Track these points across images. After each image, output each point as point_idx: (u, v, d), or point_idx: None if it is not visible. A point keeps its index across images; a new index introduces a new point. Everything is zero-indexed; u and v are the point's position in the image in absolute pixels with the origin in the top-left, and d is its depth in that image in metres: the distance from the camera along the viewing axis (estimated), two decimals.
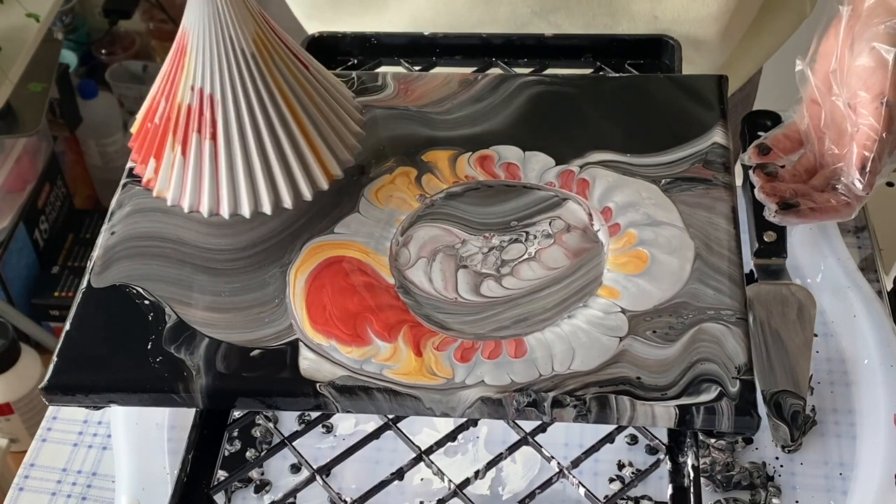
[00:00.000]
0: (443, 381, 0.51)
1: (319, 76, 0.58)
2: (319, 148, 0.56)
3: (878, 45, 0.64)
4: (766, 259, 0.76)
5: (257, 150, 0.55)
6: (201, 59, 0.54)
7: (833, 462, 0.72)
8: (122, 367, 0.53)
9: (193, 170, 0.55)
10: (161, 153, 0.56)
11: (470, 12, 0.78)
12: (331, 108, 0.58)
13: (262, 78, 0.54)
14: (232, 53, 0.53)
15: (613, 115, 0.63)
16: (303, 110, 0.56)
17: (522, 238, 0.57)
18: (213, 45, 0.53)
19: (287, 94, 0.55)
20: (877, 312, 0.76)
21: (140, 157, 0.57)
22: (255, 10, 0.54)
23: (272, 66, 0.55)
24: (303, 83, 0.56)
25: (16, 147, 1.71)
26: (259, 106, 0.54)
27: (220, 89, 0.54)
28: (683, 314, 0.52)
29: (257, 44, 0.54)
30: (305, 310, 0.54)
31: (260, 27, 0.54)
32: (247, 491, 0.73)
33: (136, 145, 0.58)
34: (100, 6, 2.00)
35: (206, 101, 0.54)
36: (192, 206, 0.56)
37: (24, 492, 0.76)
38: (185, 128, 0.55)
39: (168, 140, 0.56)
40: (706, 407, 0.49)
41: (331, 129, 0.57)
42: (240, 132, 0.55)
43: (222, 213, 0.56)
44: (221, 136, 0.55)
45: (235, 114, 0.54)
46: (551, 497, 0.66)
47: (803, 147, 0.71)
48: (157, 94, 0.56)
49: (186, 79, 0.54)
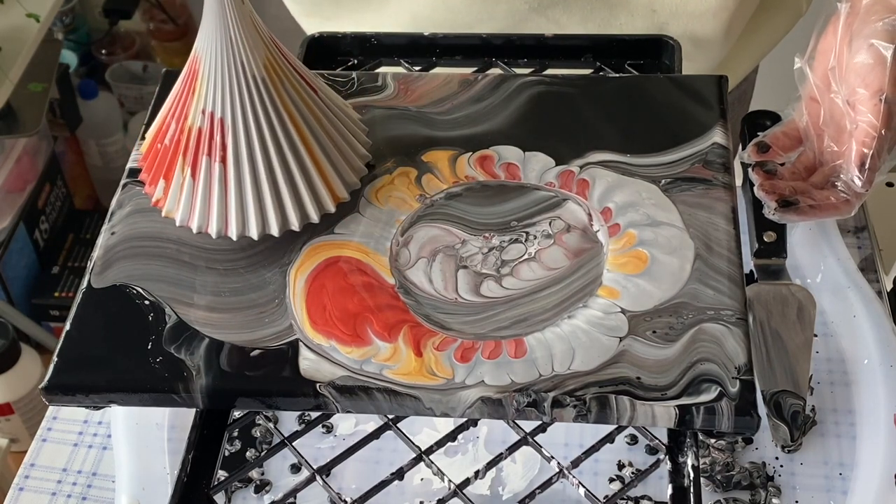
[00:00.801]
0: (443, 381, 0.51)
1: (327, 100, 0.58)
2: (327, 171, 0.57)
3: (876, 42, 0.64)
4: (766, 259, 0.76)
5: (266, 174, 0.56)
6: (213, 83, 0.54)
7: (833, 462, 0.72)
8: (122, 367, 0.53)
9: (203, 192, 0.56)
10: (171, 175, 0.57)
11: (468, 9, 0.78)
12: (338, 132, 0.58)
13: (272, 102, 0.55)
14: (243, 78, 0.54)
15: (613, 115, 0.63)
16: (311, 134, 0.57)
17: (522, 238, 0.57)
18: (224, 69, 0.54)
19: (296, 118, 0.56)
20: (877, 312, 0.76)
21: (149, 178, 0.58)
22: (266, 35, 0.55)
23: (282, 90, 0.55)
24: (311, 107, 0.57)
25: (16, 147, 1.71)
26: (269, 130, 0.55)
27: (230, 114, 0.55)
28: (683, 314, 0.52)
29: (268, 68, 0.55)
30: (305, 310, 0.54)
31: (271, 52, 0.55)
32: (247, 491, 0.73)
33: (146, 165, 0.58)
34: (100, 6, 2.00)
35: (217, 125, 0.55)
36: (200, 228, 0.56)
37: (25, 492, 0.76)
38: (196, 151, 0.56)
39: (178, 162, 0.56)
40: (706, 407, 0.49)
41: (338, 153, 0.58)
42: (249, 156, 0.55)
43: (230, 235, 0.56)
44: (231, 160, 0.55)
45: (245, 138, 0.55)
46: (551, 497, 0.66)
47: (802, 145, 0.71)
48: (167, 115, 0.57)
49: (198, 102, 0.55)
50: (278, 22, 0.86)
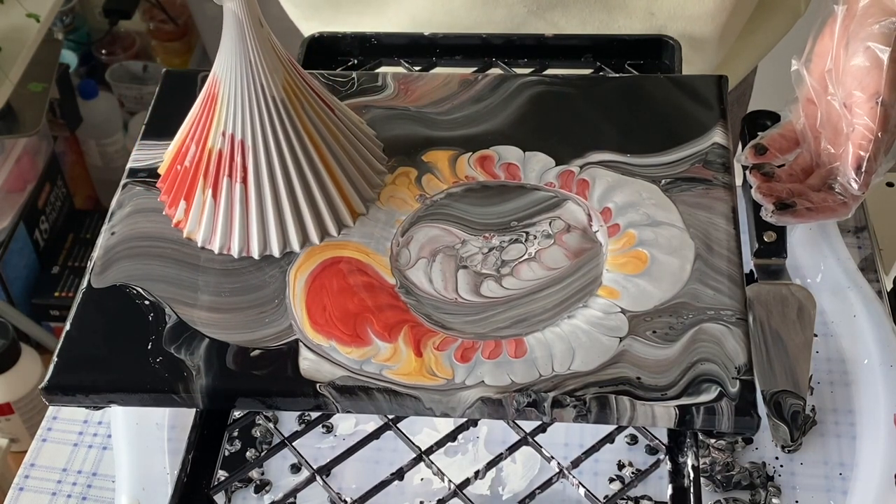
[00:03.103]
0: (443, 381, 0.51)
1: (344, 118, 0.59)
2: (345, 188, 0.58)
3: (872, 45, 0.64)
4: (766, 259, 0.76)
5: (287, 193, 0.56)
6: (233, 105, 0.55)
7: (833, 462, 0.72)
8: (122, 367, 0.53)
9: (224, 212, 0.57)
10: (191, 196, 0.57)
11: (467, 13, 0.78)
12: (355, 149, 0.59)
13: (291, 123, 0.56)
14: (263, 101, 0.55)
15: (613, 115, 0.63)
16: (329, 152, 0.57)
17: (522, 238, 0.57)
18: (244, 92, 0.55)
19: (315, 137, 0.57)
20: (877, 312, 0.76)
21: (169, 199, 0.59)
22: (284, 56, 0.56)
23: (301, 111, 0.56)
24: (329, 126, 0.58)
25: (16, 147, 1.71)
26: (289, 150, 0.56)
27: (251, 135, 0.55)
28: (683, 314, 0.52)
29: (287, 90, 0.56)
30: (305, 310, 0.54)
31: (289, 73, 0.56)
32: (247, 491, 0.73)
33: (165, 187, 0.59)
34: (100, 6, 2.00)
35: (238, 146, 0.56)
36: (222, 248, 0.57)
37: (25, 492, 0.76)
38: (217, 172, 0.56)
39: (199, 183, 0.57)
40: (706, 407, 0.49)
41: (355, 169, 0.58)
42: (270, 176, 0.56)
43: (252, 254, 0.57)
44: (252, 181, 0.56)
45: (266, 158, 0.56)
46: (551, 497, 0.66)
47: (799, 147, 0.71)
48: (186, 137, 0.58)
49: (217, 125, 0.56)
50: (279, 22, 0.86)
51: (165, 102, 0.66)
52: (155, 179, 0.60)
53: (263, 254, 0.57)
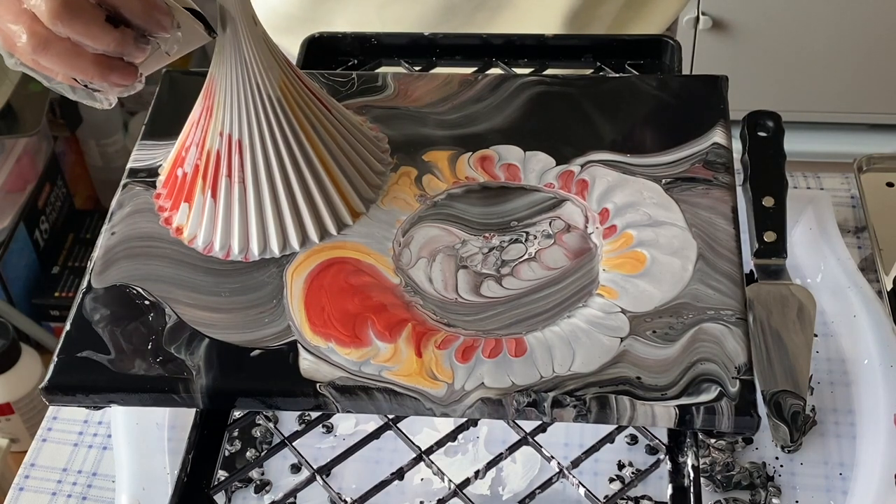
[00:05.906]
0: (443, 387, 0.51)
1: (342, 117, 0.59)
2: (343, 187, 0.58)
3: None
4: (766, 259, 0.76)
5: (285, 192, 0.56)
6: (229, 105, 0.55)
7: (833, 462, 0.72)
8: (121, 367, 0.53)
9: (224, 212, 0.57)
10: (192, 198, 0.57)
11: None
12: (353, 148, 0.59)
13: (287, 122, 0.56)
14: (259, 99, 0.55)
15: (613, 115, 0.63)
16: (327, 151, 0.57)
17: (522, 238, 0.57)
18: (240, 92, 0.55)
19: (312, 136, 0.57)
20: (877, 312, 0.76)
21: (171, 204, 0.59)
22: (280, 56, 0.56)
23: (297, 109, 0.56)
24: (326, 124, 0.58)
25: (16, 147, 1.71)
26: (286, 149, 0.56)
27: (248, 134, 0.55)
28: (683, 314, 0.52)
29: (283, 88, 0.56)
30: (304, 311, 0.54)
31: (285, 73, 0.56)
32: (247, 491, 0.73)
33: (166, 192, 0.59)
34: None
35: (235, 146, 0.56)
36: (223, 248, 0.57)
37: (25, 492, 0.76)
38: (215, 172, 0.56)
39: (198, 185, 0.57)
40: (706, 407, 0.49)
41: (354, 168, 0.58)
42: (268, 175, 0.56)
43: (252, 253, 0.57)
44: (250, 180, 0.56)
45: (263, 157, 0.56)
46: (551, 497, 0.66)
47: None
48: (185, 141, 0.58)
49: (215, 125, 0.56)
50: None
51: (165, 103, 0.66)
52: (155, 179, 0.60)
53: (264, 253, 0.57)
